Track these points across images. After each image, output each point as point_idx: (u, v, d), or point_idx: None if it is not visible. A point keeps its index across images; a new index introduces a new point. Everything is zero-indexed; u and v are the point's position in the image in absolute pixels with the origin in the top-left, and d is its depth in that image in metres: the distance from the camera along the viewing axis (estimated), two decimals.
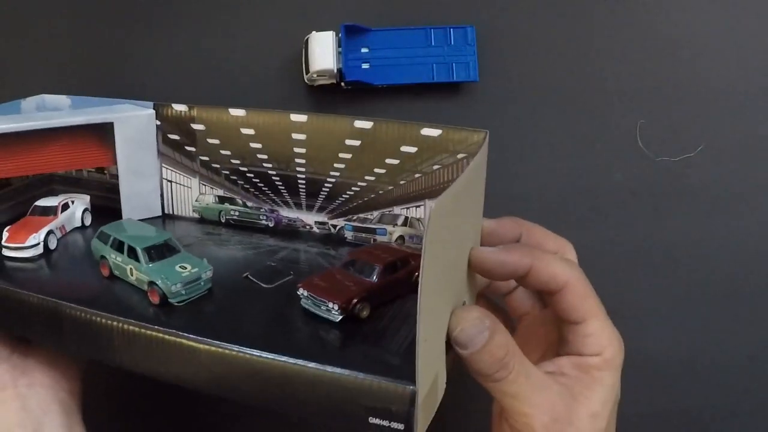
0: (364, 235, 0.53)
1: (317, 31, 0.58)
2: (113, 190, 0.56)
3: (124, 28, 0.62)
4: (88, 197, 0.58)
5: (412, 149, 0.49)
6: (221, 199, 0.56)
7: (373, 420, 0.36)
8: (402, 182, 0.51)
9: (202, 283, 0.47)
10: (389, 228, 0.52)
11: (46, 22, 0.62)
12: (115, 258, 0.48)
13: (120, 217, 0.56)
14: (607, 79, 0.61)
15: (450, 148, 0.48)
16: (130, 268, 0.47)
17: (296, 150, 0.52)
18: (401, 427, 0.35)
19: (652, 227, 0.61)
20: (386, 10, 0.61)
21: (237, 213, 0.56)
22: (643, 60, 0.61)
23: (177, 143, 0.55)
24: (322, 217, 0.54)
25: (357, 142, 0.50)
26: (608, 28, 0.61)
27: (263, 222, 0.56)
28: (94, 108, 0.56)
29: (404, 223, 0.52)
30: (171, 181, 0.57)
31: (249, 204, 0.56)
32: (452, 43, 0.59)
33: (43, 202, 0.56)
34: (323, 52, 0.57)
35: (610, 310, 0.51)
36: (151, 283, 0.46)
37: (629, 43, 0.61)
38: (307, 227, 0.54)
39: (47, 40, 0.63)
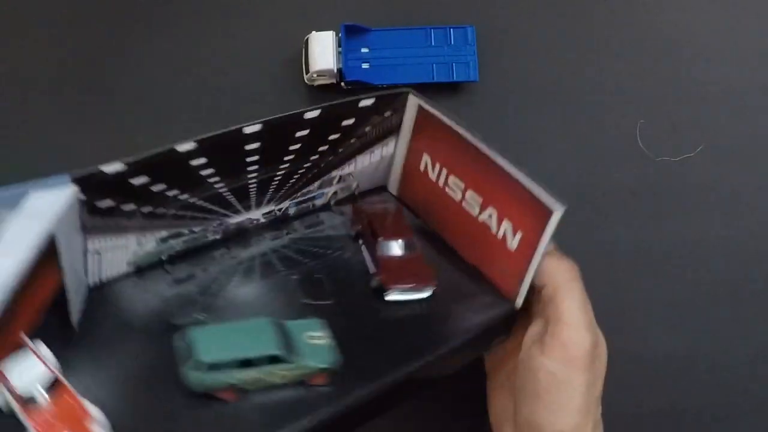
0: (304, 204, 0.55)
1: (317, 31, 0.58)
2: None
3: (123, 29, 0.62)
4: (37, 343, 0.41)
5: (351, 121, 0.52)
6: (164, 240, 0.51)
7: (494, 341, 0.49)
8: (340, 150, 0.53)
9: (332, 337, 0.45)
10: (326, 190, 0.55)
11: (45, 22, 0.63)
12: (246, 375, 0.41)
13: (69, 324, 0.44)
14: (607, 79, 0.61)
15: (380, 110, 0.52)
16: (280, 373, 0.41)
17: (249, 159, 0.50)
18: (507, 333, 0.49)
19: (652, 227, 0.61)
20: (386, 10, 0.61)
21: (180, 244, 0.52)
22: (643, 60, 0.61)
23: (110, 209, 0.46)
24: (269, 207, 0.54)
25: (305, 132, 0.50)
26: (608, 28, 0.61)
27: (210, 238, 0.52)
28: (10, 223, 0.39)
29: (339, 181, 0.56)
30: (99, 252, 0.48)
31: (195, 229, 0.52)
32: (452, 43, 0.59)
33: (24, 381, 0.38)
34: (323, 52, 0.57)
35: (610, 310, 0.51)
36: (317, 370, 0.42)
37: (629, 43, 0.61)
38: (254, 221, 0.54)
39: (44, 42, 0.63)
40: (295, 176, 0.53)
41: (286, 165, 0.52)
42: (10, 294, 0.36)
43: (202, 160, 0.48)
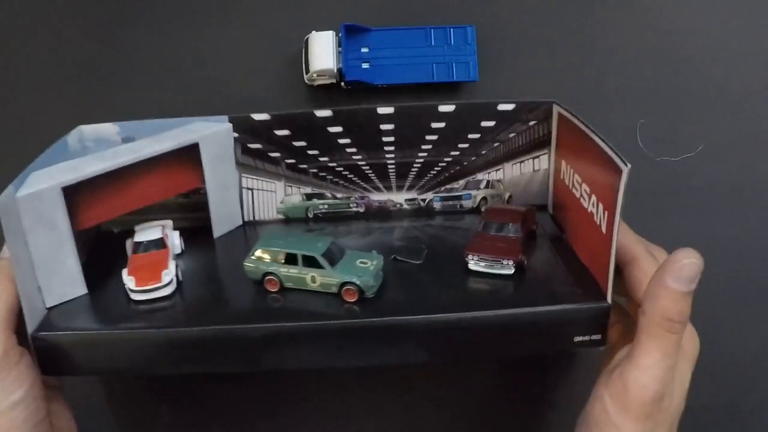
0: (451, 202, 0.59)
1: (317, 31, 0.58)
2: (191, 208, 0.57)
3: (124, 29, 0.62)
4: (170, 222, 0.56)
5: (491, 123, 0.56)
6: (308, 196, 0.59)
7: (577, 338, 0.45)
8: (483, 152, 0.58)
9: (381, 273, 0.49)
10: (473, 192, 0.59)
11: (45, 23, 0.63)
12: (287, 271, 0.48)
13: (211, 235, 0.57)
14: (607, 79, 0.61)
15: (523, 118, 0.56)
16: (311, 276, 0.47)
17: (385, 139, 0.56)
18: (599, 336, 0.45)
19: (652, 227, 0.61)
20: (386, 10, 0.61)
21: (326, 206, 0.59)
22: (643, 60, 0.61)
23: (259, 151, 0.57)
24: (411, 194, 0.59)
25: (442, 124, 0.56)
26: (608, 29, 0.61)
27: (353, 209, 0.59)
28: (171, 131, 0.54)
29: (486, 186, 0.59)
30: (251, 189, 0.58)
31: (338, 195, 0.59)
32: (452, 43, 0.59)
33: (142, 237, 0.53)
34: (323, 51, 0.57)
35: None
36: (345, 284, 0.46)
37: (629, 43, 0.61)
38: (398, 205, 0.58)
39: (44, 43, 0.63)
40: (436, 168, 0.58)
41: (424, 154, 0.57)
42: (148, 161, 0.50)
43: (338, 129, 0.55)
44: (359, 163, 0.57)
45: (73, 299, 0.49)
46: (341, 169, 0.57)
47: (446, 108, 0.51)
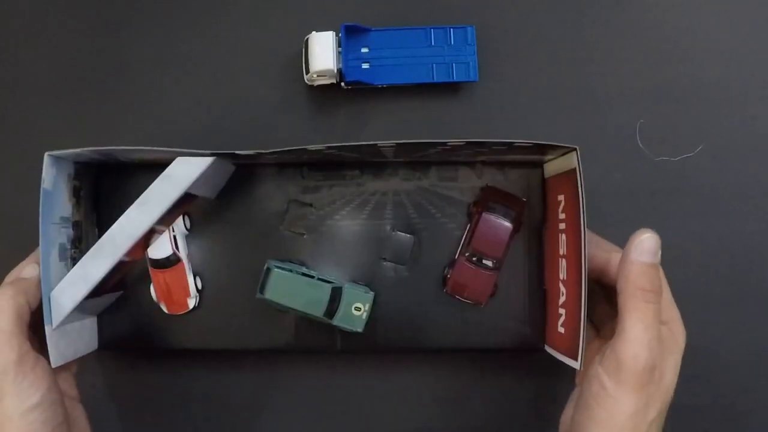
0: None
1: (317, 31, 0.58)
2: None
3: (124, 29, 0.62)
4: (179, 221, 0.57)
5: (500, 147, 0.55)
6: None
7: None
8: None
9: (371, 307, 0.56)
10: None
11: (44, 25, 0.63)
12: (294, 312, 0.55)
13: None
14: (607, 79, 0.61)
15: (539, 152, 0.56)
16: (317, 320, 0.55)
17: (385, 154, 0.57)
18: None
19: (652, 227, 0.60)
20: (386, 10, 0.61)
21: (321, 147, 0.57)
22: (643, 60, 0.61)
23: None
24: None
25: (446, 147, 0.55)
26: (608, 29, 0.61)
27: (347, 153, 0.57)
28: (156, 187, 0.52)
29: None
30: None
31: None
32: (452, 43, 0.59)
33: (155, 253, 0.56)
34: (323, 52, 0.57)
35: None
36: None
37: (629, 43, 0.61)
38: (391, 148, 0.56)
39: (43, 45, 0.63)
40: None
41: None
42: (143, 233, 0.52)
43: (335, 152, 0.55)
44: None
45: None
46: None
47: (456, 142, 0.50)
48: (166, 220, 0.54)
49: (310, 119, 0.61)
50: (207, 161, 0.52)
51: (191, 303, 0.57)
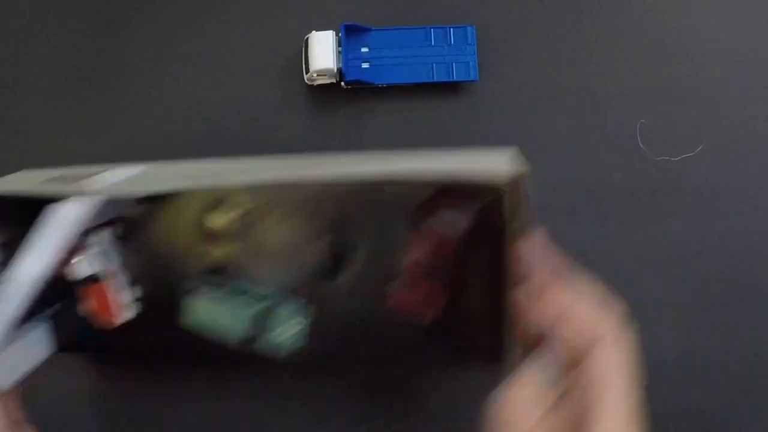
0: None
1: (317, 30, 0.58)
2: None
3: (124, 29, 0.62)
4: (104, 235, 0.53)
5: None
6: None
7: None
8: None
9: (302, 328, 0.51)
10: None
11: (44, 25, 0.63)
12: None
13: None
14: (607, 79, 0.61)
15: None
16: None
17: None
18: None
19: (652, 227, 0.61)
20: (386, 10, 0.61)
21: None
22: (643, 60, 0.61)
23: None
24: None
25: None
26: (608, 28, 0.61)
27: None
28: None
29: None
30: None
31: None
32: (452, 42, 0.59)
33: (76, 274, 0.51)
34: (323, 51, 0.57)
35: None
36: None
37: (629, 43, 0.61)
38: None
39: (43, 45, 0.63)
40: None
41: None
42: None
43: None
44: None
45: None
46: None
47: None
48: (73, 248, 0.49)
49: (310, 119, 0.61)
50: (95, 201, 0.47)
51: (122, 317, 0.51)
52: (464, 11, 0.61)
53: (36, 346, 0.51)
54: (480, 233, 0.49)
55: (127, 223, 0.54)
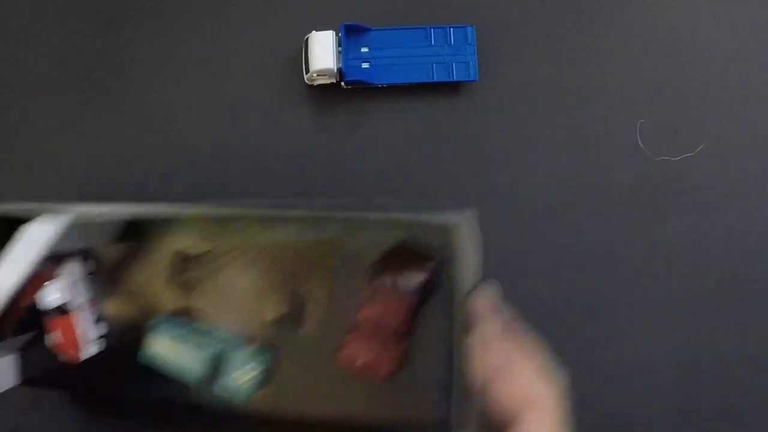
0: None
1: (317, 30, 0.58)
2: None
3: (125, 30, 0.62)
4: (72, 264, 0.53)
5: None
6: None
7: None
8: None
9: (259, 375, 0.51)
10: None
11: (44, 25, 0.63)
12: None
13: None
14: (607, 79, 0.61)
15: None
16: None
17: None
18: None
19: (652, 227, 0.61)
20: (386, 10, 0.61)
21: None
22: (643, 60, 0.61)
23: None
24: None
25: None
26: (608, 29, 0.61)
27: None
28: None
29: None
30: None
31: None
32: (452, 42, 0.59)
33: (45, 303, 0.51)
34: (323, 51, 0.57)
35: (610, 310, 0.50)
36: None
37: (629, 43, 0.61)
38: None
39: (44, 45, 0.63)
40: None
41: None
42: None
43: None
44: None
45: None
46: None
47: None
48: (44, 274, 0.50)
49: (310, 119, 0.61)
50: (63, 222, 0.47)
51: (86, 352, 0.52)
52: (464, 11, 0.61)
53: (2, 375, 0.51)
54: (432, 292, 0.48)
55: (99, 261, 0.54)
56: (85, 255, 0.53)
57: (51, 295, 0.51)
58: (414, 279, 0.47)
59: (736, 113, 0.61)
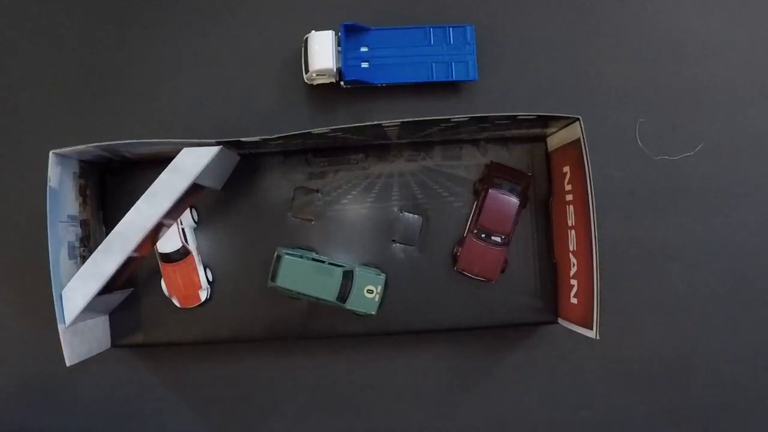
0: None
1: (317, 30, 0.58)
2: None
3: (125, 29, 0.62)
4: (186, 213, 0.58)
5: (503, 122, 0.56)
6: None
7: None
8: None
9: (384, 290, 0.57)
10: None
11: (45, 25, 0.63)
12: (306, 297, 0.57)
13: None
14: (607, 79, 0.61)
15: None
16: (330, 305, 0.57)
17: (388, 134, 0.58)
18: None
19: (652, 226, 0.61)
20: (386, 10, 0.61)
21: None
22: (643, 60, 0.61)
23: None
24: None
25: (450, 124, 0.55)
26: (608, 29, 0.61)
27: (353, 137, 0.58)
28: (162, 180, 0.54)
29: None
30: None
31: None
32: (452, 42, 0.59)
33: (164, 247, 0.57)
34: (323, 51, 0.57)
35: (609, 309, 0.50)
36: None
37: (629, 43, 0.61)
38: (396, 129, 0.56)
39: (44, 45, 0.63)
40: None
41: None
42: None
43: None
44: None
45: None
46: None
47: (459, 118, 0.51)
48: (174, 213, 0.54)
49: (309, 118, 0.61)
50: (213, 150, 0.52)
51: (203, 295, 0.57)
52: (464, 11, 0.61)
53: (102, 333, 0.56)
54: (525, 204, 0.58)
55: (200, 210, 0.59)
56: (192, 206, 0.58)
57: (171, 239, 0.57)
58: (514, 190, 0.57)
59: (736, 113, 0.61)
